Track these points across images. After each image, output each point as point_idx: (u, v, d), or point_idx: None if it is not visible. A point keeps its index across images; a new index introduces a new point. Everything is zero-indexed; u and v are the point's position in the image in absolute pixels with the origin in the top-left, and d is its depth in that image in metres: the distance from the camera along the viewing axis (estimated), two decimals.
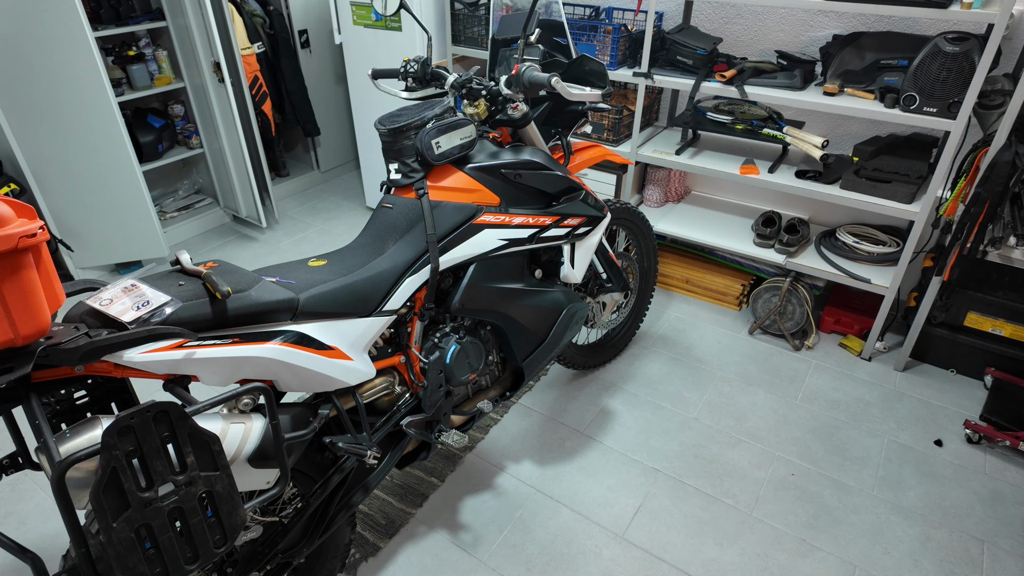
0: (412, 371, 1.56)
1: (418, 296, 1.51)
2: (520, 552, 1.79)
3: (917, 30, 2.39)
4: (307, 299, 1.27)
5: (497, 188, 1.58)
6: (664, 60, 2.62)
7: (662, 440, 2.16)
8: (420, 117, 1.49)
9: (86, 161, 2.79)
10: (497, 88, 1.63)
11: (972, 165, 2.11)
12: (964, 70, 2.01)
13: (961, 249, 2.12)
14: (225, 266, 1.24)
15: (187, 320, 1.08)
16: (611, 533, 1.84)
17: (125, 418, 0.88)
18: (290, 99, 3.70)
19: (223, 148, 3.33)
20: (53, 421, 1.09)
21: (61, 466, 0.87)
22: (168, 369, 1.08)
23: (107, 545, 0.90)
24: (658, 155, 2.72)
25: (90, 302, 1.06)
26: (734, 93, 2.42)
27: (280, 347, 1.19)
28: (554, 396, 2.35)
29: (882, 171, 2.31)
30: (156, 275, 1.16)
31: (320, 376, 1.28)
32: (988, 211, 2.03)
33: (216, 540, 1.02)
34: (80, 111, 2.68)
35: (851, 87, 2.34)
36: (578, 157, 1.92)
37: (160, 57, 3.20)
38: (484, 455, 2.10)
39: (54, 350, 0.94)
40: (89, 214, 2.91)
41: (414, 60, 1.79)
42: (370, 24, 3.07)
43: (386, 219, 1.52)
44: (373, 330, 1.39)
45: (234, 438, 1.12)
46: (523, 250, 1.67)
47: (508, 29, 1.83)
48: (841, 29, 2.54)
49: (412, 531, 1.85)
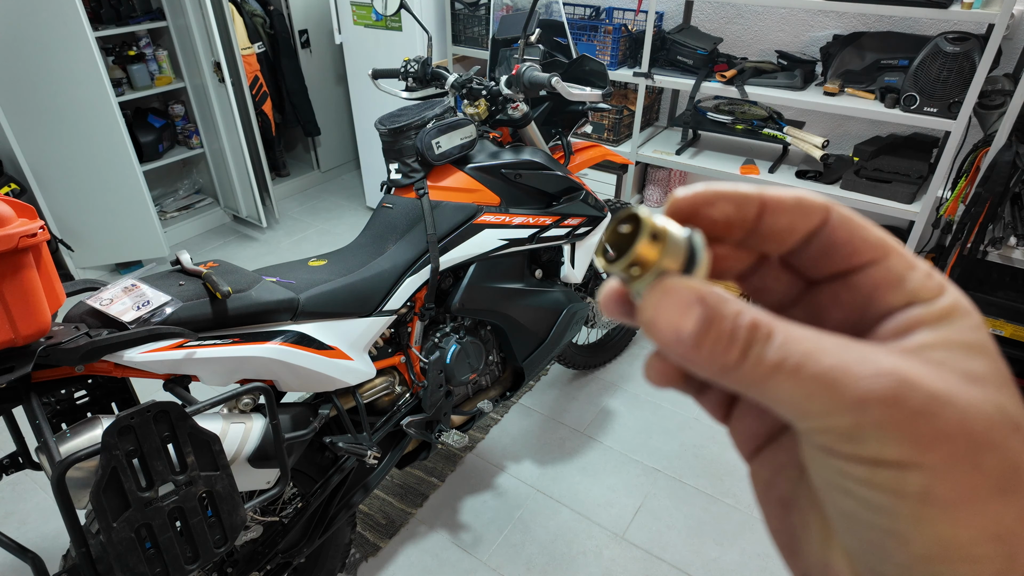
0: (412, 371, 1.56)
1: (418, 296, 1.51)
2: (520, 552, 1.79)
3: (917, 30, 2.38)
4: (307, 299, 1.27)
5: (497, 188, 1.58)
6: (664, 60, 2.62)
7: (662, 440, 2.15)
8: (420, 117, 1.49)
9: (86, 161, 2.79)
10: (497, 88, 1.62)
11: (972, 165, 2.11)
12: (964, 70, 2.01)
13: (961, 249, 2.12)
14: (225, 266, 1.24)
15: (187, 320, 1.08)
16: (611, 533, 1.84)
17: (125, 418, 0.89)
18: (290, 99, 3.70)
19: (223, 148, 3.32)
20: (53, 421, 1.09)
21: (61, 466, 0.87)
22: (168, 369, 1.08)
23: (107, 545, 0.90)
24: (658, 155, 2.72)
25: (90, 302, 1.06)
26: (734, 93, 2.42)
27: (280, 347, 1.19)
28: (554, 396, 2.35)
29: (882, 171, 2.31)
30: (156, 275, 1.16)
31: (320, 376, 1.28)
32: (988, 211, 2.03)
33: (216, 540, 1.02)
34: (81, 111, 2.68)
35: (851, 87, 2.34)
36: (578, 157, 1.92)
37: (160, 57, 3.20)
38: (484, 455, 2.10)
39: (54, 350, 0.94)
40: (89, 214, 2.91)
41: (414, 60, 1.78)
42: (370, 24, 3.07)
43: (386, 219, 1.52)
44: (373, 330, 1.39)
45: (234, 438, 1.12)
46: (523, 250, 1.67)
47: (508, 29, 1.83)
48: (841, 29, 2.54)
49: (412, 531, 1.85)
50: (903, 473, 0.18)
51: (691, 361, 0.20)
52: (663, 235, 0.20)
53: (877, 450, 0.18)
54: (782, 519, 0.24)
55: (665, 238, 0.20)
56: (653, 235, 0.20)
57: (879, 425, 0.18)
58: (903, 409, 0.18)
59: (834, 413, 0.18)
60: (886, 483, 0.18)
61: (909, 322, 0.21)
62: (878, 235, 0.22)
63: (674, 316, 0.20)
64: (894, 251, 0.22)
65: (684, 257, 0.20)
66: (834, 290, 0.24)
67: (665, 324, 0.20)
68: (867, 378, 0.18)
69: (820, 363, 0.18)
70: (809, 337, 0.19)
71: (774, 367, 0.19)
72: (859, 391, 0.18)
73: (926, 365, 0.19)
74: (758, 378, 0.19)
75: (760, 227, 0.23)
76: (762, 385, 0.19)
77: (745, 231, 0.23)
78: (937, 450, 0.18)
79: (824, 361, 0.18)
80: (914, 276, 0.21)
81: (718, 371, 0.20)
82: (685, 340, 0.20)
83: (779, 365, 0.19)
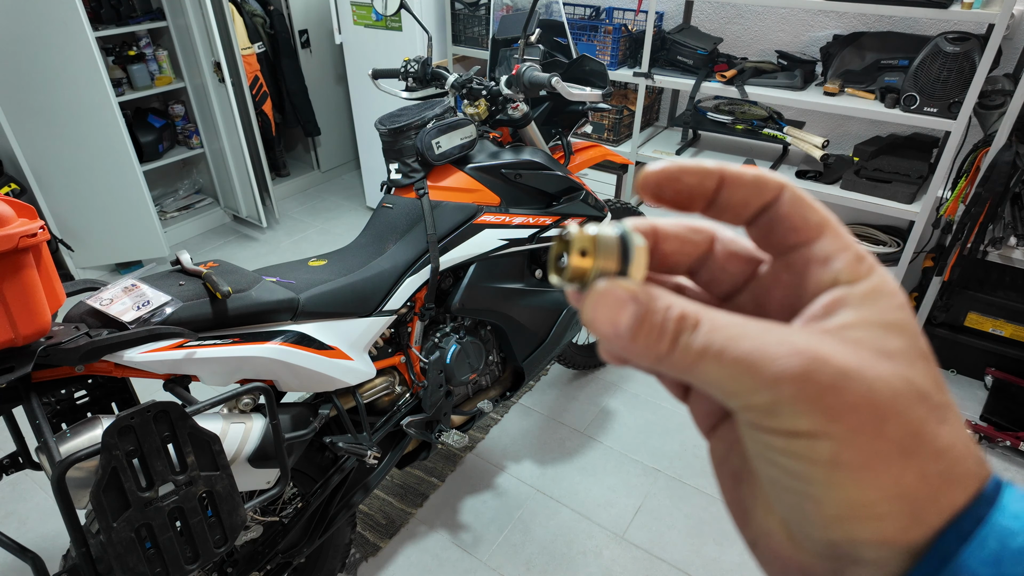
0: (412, 371, 1.56)
1: (418, 296, 1.51)
2: (520, 552, 1.78)
3: (917, 30, 2.38)
4: (307, 299, 1.27)
5: (497, 188, 1.58)
6: (664, 60, 2.62)
7: (662, 440, 2.15)
8: (420, 117, 1.49)
9: (87, 161, 2.78)
10: (497, 88, 1.62)
11: (973, 165, 2.11)
12: (964, 70, 2.00)
13: (962, 249, 2.12)
14: (225, 266, 1.24)
15: (187, 320, 1.09)
16: (611, 533, 1.83)
17: (125, 418, 0.89)
18: (290, 99, 3.70)
19: (223, 148, 3.32)
20: (53, 421, 1.09)
21: (61, 466, 0.87)
22: (168, 369, 1.08)
23: (107, 545, 0.90)
24: (658, 155, 2.72)
25: (90, 302, 1.06)
26: (734, 93, 2.42)
27: (280, 347, 1.19)
28: (554, 396, 2.35)
29: (882, 171, 2.31)
30: (156, 275, 1.17)
31: (320, 376, 1.28)
32: (988, 211, 2.03)
33: (216, 540, 1.02)
34: (81, 111, 2.68)
35: (851, 87, 2.34)
36: (578, 157, 1.92)
37: (160, 57, 3.20)
38: (484, 455, 2.10)
39: (54, 350, 0.94)
40: (89, 214, 2.90)
41: (414, 60, 1.78)
42: (370, 24, 3.07)
43: (386, 219, 1.52)
44: (373, 330, 1.39)
45: (234, 438, 1.12)
46: (523, 250, 1.67)
47: (508, 29, 1.83)
48: (842, 29, 2.54)
49: (412, 531, 1.85)
50: (814, 442, 0.20)
51: (629, 352, 0.22)
52: (591, 245, 0.22)
53: (791, 423, 0.20)
54: (734, 491, 0.26)
55: (594, 247, 0.22)
56: (582, 251, 0.22)
57: (792, 400, 0.19)
58: (813, 384, 0.19)
59: (754, 391, 0.20)
60: (800, 451, 0.20)
61: (833, 302, 0.22)
62: (820, 216, 0.24)
63: (610, 314, 0.22)
64: (828, 231, 0.23)
65: (618, 256, 0.22)
66: (776, 271, 0.25)
67: (603, 322, 0.22)
68: (782, 358, 0.20)
69: (740, 347, 0.20)
70: (733, 323, 0.21)
71: (699, 353, 0.20)
72: (774, 370, 0.20)
73: (842, 344, 0.20)
74: (687, 364, 0.21)
75: (718, 199, 0.25)
76: (692, 370, 0.21)
77: (706, 201, 0.25)
78: (844, 420, 0.19)
79: (744, 345, 0.20)
80: (842, 257, 0.23)
81: (653, 360, 0.21)
82: (622, 335, 0.21)
83: (704, 351, 0.20)
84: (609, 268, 0.22)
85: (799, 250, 0.24)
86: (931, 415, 0.20)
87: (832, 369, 0.19)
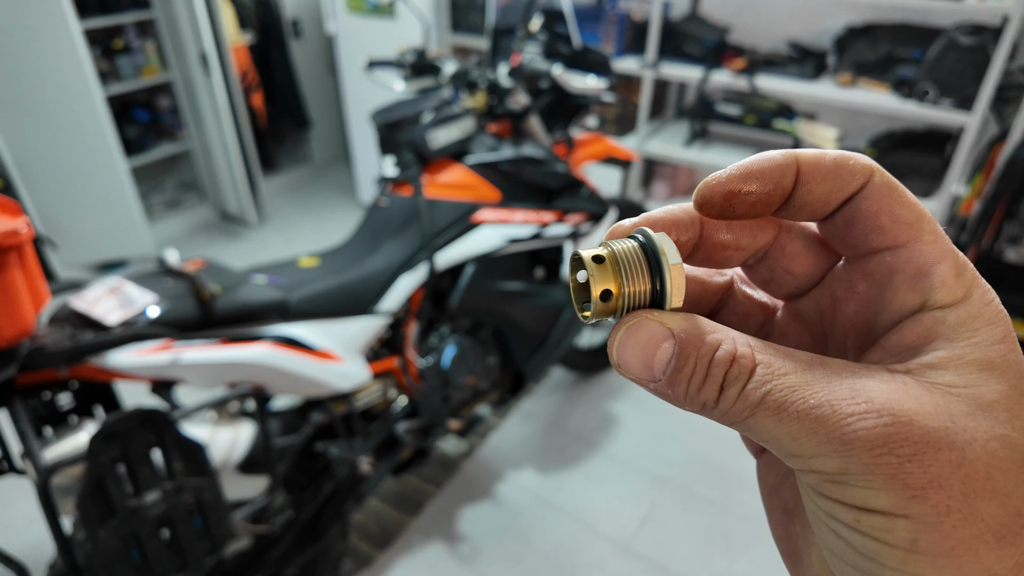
0: (408, 374, 1.53)
1: (415, 296, 1.48)
2: (520, 564, 1.74)
3: (931, 22, 2.33)
4: (298, 299, 1.24)
5: (496, 183, 1.55)
6: (671, 50, 2.55)
7: (669, 447, 2.10)
8: (416, 110, 1.47)
9: (71, 155, 2.74)
10: (496, 79, 1.59)
11: (988, 160, 2.06)
12: (980, 63, 1.95)
13: (978, 248, 2.06)
14: (213, 265, 1.24)
15: (173, 321, 1.08)
16: (616, 544, 1.79)
17: (112, 424, 0.89)
18: (281, 91, 3.64)
19: (212, 142, 3.27)
20: (36, 426, 1.08)
21: (46, 472, 0.88)
22: (154, 374, 1.07)
23: (93, 553, 0.91)
24: (664, 150, 2.65)
25: (74, 302, 1.06)
26: (744, 85, 2.36)
27: (269, 350, 1.18)
28: (556, 401, 2.30)
29: (897, 166, 2.26)
30: (142, 274, 1.17)
31: (312, 381, 1.26)
32: (1005, 209, 1.97)
33: (205, 549, 1.03)
34: (65, 104, 2.63)
35: (865, 78, 2.28)
36: (580, 151, 1.88)
37: (147, 48, 3.12)
38: (483, 462, 2.05)
39: (38, 352, 0.94)
40: (74, 210, 2.86)
41: (411, 50, 1.75)
42: (364, 12, 3.00)
43: (381, 216, 1.48)
44: (368, 332, 1.36)
45: (222, 444, 1.15)
46: (524, 249, 1.63)
47: (508, 17, 1.79)
48: (855, 20, 2.48)
49: (408, 541, 1.80)
50: (890, 521, 0.17)
51: (667, 399, 0.19)
52: (611, 265, 0.19)
53: (863, 497, 0.17)
54: (785, 527, 0.23)
55: (614, 267, 0.19)
56: (604, 293, 0.19)
57: (866, 471, 0.17)
58: (893, 454, 0.17)
59: (820, 456, 0.17)
60: (872, 530, 0.17)
61: (923, 333, 0.19)
62: (913, 213, 0.20)
63: (641, 355, 0.19)
64: (923, 234, 0.19)
65: (647, 274, 0.19)
66: (851, 278, 0.21)
67: (633, 363, 0.19)
68: (855, 418, 0.17)
69: (805, 401, 0.17)
70: (795, 368, 0.18)
71: (754, 406, 0.18)
72: (846, 433, 0.17)
73: (930, 394, 0.18)
74: (738, 417, 0.18)
75: (793, 198, 0.21)
76: (744, 424, 0.18)
77: (781, 203, 0.21)
78: (928, 499, 0.17)
79: (809, 398, 0.17)
80: (938, 271, 0.19)
81: (696, 409, 0.19)
82: (657, 378, 0.19)
83: (760, 404, 0.18)
84: (637, 291, 0.19)
85: (882, 255, 0.20)
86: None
87: (916, 433, 0.17)
